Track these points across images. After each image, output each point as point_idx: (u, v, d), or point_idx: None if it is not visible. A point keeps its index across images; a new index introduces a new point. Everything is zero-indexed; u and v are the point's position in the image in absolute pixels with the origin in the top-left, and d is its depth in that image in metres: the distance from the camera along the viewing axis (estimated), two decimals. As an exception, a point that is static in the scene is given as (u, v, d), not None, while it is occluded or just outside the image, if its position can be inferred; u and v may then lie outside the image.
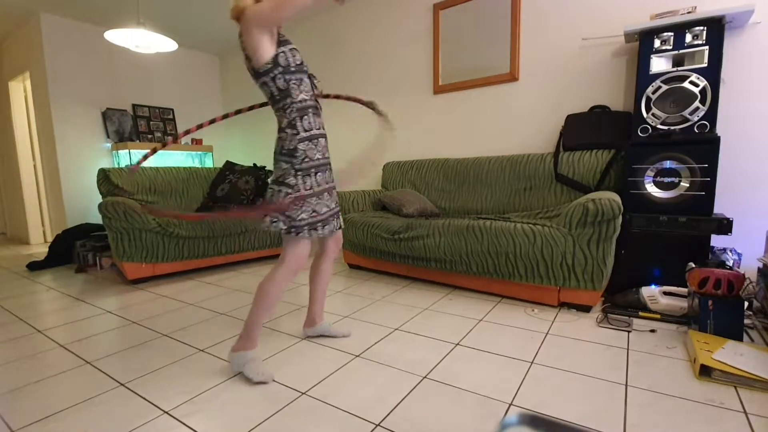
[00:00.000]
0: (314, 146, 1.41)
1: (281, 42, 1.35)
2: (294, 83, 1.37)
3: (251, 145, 4.96)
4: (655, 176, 1.98)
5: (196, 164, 4.83)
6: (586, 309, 1.94)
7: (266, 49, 1.30)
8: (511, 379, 1.33)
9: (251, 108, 1.61)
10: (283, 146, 1.38)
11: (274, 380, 1.37)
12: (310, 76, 1.45)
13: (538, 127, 2.80)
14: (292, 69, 1.36)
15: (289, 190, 1.36)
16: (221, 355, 1.57)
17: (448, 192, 2.94)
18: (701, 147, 1.87)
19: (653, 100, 2.01)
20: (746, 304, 1.72)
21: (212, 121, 1.57)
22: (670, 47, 1.98)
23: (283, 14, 1.24)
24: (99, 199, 4.03)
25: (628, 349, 1.53)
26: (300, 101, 1.38)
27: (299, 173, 1.37)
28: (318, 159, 1.43)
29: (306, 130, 1.39)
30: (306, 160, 1.39)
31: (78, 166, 4.02)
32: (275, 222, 1.36)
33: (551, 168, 2.49)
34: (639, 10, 2.35)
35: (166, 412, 1.20)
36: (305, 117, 1.39)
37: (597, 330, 1.72)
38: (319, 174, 1.43)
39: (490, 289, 2.22)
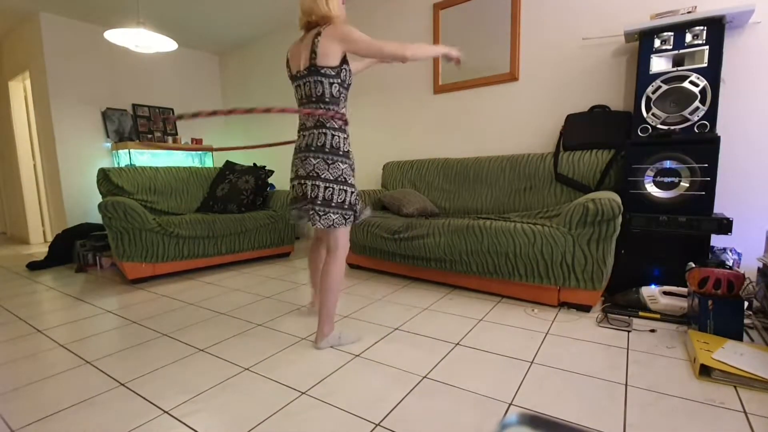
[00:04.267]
0: None
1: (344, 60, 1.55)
2: (344, 95, 1.59)
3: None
4: (655, 176, 1.98)
5: (196, 164, 4.83)
6: (586, 309, 1.94)
7: (337, 57, 1.52)
8: (511, 379, 1.33)
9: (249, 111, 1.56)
10: (339, 147, 1.55)
11: (273, 380, 1.37)
12: None
13: (538, 126, 2.80)
14: (347, 84, 1.59)
15: (353, 190, 1.59)
16: (221, 354, 1.58)
17: (448, 192, 2.94)
18: (701, 147, 1.87)
19: (653, 99, 2.01)
20: (746, 303, 1.72)
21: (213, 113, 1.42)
22: (670, 47, 1.98)
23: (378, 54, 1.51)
24: (99, 199, 4.04)
25: (627, 349, 1.53)
26: (344, 112, 1.61)
27: (353, 174, 1.61)
28: None
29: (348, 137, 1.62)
30: (353, 163, 1.63)
31: (78, 166, 4.02)
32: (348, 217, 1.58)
33: (551, 168, 2.49)
34: (639, 9, 2.35)
35: (166, 412, 1.20)
36: (348, 126, 1.62)
37: (597, 330, 1.72)
38: None
39: (490, 289, 2.22)
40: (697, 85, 1.91)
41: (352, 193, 1.58)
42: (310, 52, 1.50)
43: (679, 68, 1.96)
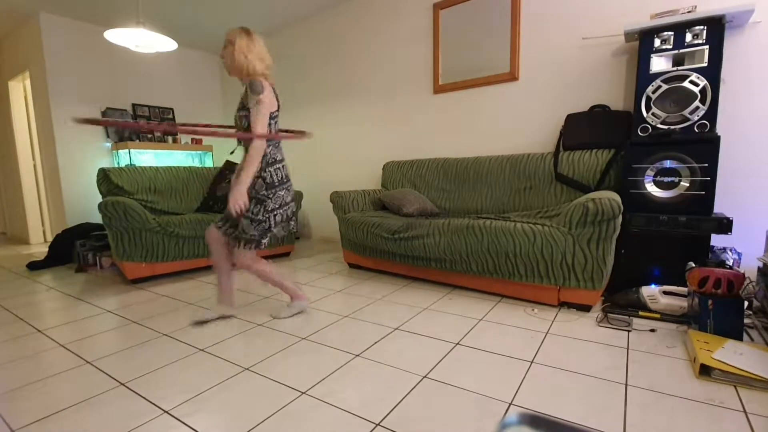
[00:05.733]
0: None
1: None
2: None
3: (251, 144, 4.96)
4: (655, 176, 1.98)
5: (196, 164, 4.83)
6: (586, 308, 1.94)
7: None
8: (511, 379, 1.33)
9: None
10: None
11: (273, 380, 1.37)
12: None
13: (538, 126, 2.80)
14: None
15: None
16: (221, 354, 1.58)
17: (448, 191, 2.94)
18: (701, 146, 1.87)
19: (653, 99, 2.01)
20: (746, 303, 1.72)
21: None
22: (670, 47, 1.98)
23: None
24: (99, 198, 4.04)
25: (628, 349, 1.53)
26: None
27: None
28: None
29: None
30: None
31: (78, 166, 4.02)
32: None
33: (551, 167, 2.49)
34: (639, 9, 2.35)
35: (166, 412, 1.20)
36: None
37: (597, 329, 1.72)
38: None
39: (490, 289, 2.22)
40: (697, 85, 1.91)
41: None
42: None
43: (679, 68, 1.96)
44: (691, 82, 1.92)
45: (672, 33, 1.97)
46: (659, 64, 2.01)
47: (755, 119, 2.11)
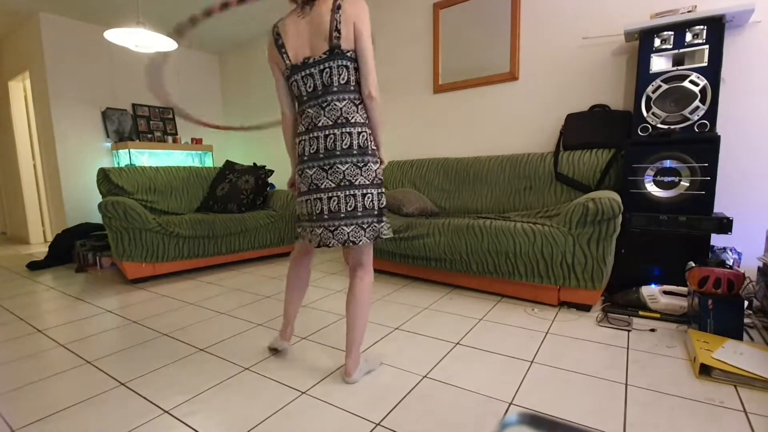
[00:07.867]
0: None
1: None
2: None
3: (251, 144, 4.96)
4: (655, 175, 1.98)
5: (196, 164, 4.83)
6: (586, 308, 1.94)
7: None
8: (511, 379, 1.33)
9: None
10: (368, 145, 1.25)
11: (274, 380, 1.37)
12: None
13: (538, 126, 2.80)
14: None
15: (383, 191, 1.32)
16: (221, 354, 1.58)
17: (448, 191, 2.94)
18: (701, 146, 1.87)
19: (653, 99, 2.00)
20: (746, 303, 1.72)
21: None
22: (670, 46, 1.98)
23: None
24: (99, 198, 4.04)
25: (628, 349, 1.53)
26: None
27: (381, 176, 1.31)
28: None
29: None
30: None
31: (78, 166, 4.02)
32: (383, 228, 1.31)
33: (551, 167, 2.49)
34: (639, 9, 2.34)
35: (167, 412, 1.20)
36: None
37: (597, 329, 1.72)
38: None
39: (490, 289, 2.22)
40: (697, 85, 1.90)
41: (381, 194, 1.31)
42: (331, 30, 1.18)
43: (679, 67, 1.96)
44: (691, 81, 1.91)
45: (672, 33, 1.97)
46: (659, 63, 2.01)
47: (755, 119, 2.11)
